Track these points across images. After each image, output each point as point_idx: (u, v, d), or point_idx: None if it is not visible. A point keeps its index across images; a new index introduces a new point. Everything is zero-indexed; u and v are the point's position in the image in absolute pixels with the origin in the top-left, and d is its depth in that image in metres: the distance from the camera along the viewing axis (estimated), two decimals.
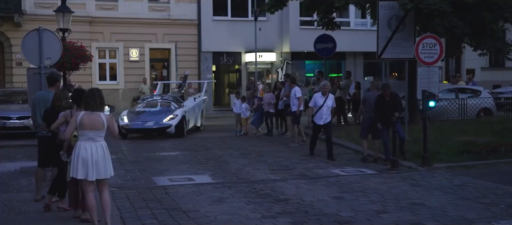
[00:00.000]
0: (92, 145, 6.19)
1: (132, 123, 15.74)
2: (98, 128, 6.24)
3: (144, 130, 15.79)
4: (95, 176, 6.22)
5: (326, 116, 12.00)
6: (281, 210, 7.48)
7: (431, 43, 12.88)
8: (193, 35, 26.26)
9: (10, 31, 22.73)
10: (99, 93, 6.43)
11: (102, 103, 6.34)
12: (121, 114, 16.64)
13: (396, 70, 28.61)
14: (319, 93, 12.18)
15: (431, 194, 8.44)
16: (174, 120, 15.81)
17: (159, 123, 15.70)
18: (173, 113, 16.10)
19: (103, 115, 6.31)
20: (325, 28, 18.67)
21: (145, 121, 15.77)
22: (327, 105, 11.92)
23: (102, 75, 25.22)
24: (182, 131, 15.97)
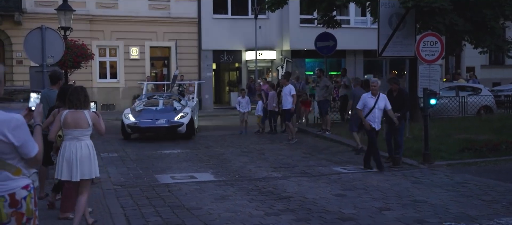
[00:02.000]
0: (76, 144, 5.98)
1: (140, 120, 14.54)
2: (83, 126, 6.03)
3: (155, 129, 14.66)
4: (79, 176, 6.00)
5: (379, 119, 10.42)
6: (284, 207, 7.51)
7: (432, 41, 12.89)
8: (193, 34, 26.27)
9: (10, 29, 22.75)
10: (83, 91, 6.24)
11: (86, 101, 6.15)
12: (124, 112, 15.45)
13: (396, 68, 28.64)
14: (368, 94, 10.50)
15: (432, 191, 8.48)
16: (185, 118, 14.85)
17: (171, 121, 14.59)
18: (183, 111, 15.15)
19: (87, 112, 6.11)
20: (325, 26, 18.70)
21: (155, 119, 14.57)
22: (379, 107, 10.29)
23: (102, 74, 25.25)
24: (192, 130, 15.09)
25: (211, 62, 26.85)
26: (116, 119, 20.90)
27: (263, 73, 27.98)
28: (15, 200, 3.16)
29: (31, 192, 3.25)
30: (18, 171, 3.19)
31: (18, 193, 3.17)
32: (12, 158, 3.15)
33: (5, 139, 3.08)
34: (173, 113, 15.03)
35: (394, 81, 11.26)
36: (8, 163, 3.14)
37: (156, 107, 15.62)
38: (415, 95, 14.91)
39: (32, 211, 3.23)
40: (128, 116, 14.96)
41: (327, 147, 13.64)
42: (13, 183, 3.17)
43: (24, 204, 3.19)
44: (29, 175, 3.29)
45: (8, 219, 3.14)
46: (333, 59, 27.17)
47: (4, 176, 3.15)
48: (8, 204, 3.14)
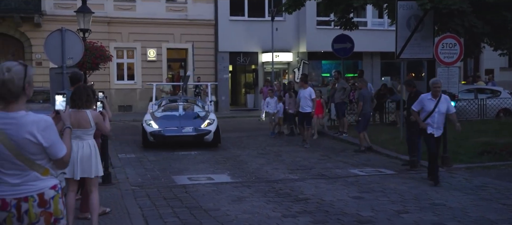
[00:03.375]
0: (78, 143, 6.02)
1: (164, 128, 13.35)
2: (84, 126, 6.05)
3: (181, 138, 13.38)
4: (80, 174, 6.05)
5: (439, 125, 9.33)
6: (301, 209, 7.50)
7: (451, 43, 12.76)
8: (210, 35, 26.37)
9: (30, 31, 23.06)
10: (86, 90, 6.26)
11: (89, 100, 6.13)
12: (145, 118, 14.09)
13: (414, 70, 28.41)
14: (427, 95, 9.45)
15: (451, 194, 8.41)
16: (212, 125, 13.67)
17: (198, 128, 13.44)
18: (209, 118, 14.00)
19: (89, 112, 6.09)
20: (342, 28, 18.64)
21: (181, 127, 13.40)
22: (440, 110, 9.23)
23: (120, 75, 25.46)
24: (218, 138, 13.85)
25: (228, 64, 26.92)
26: (133, 120, 21.10)
27: (280, 75, 27.98)
28: (44, 200, 3.20)
29: (59, 192, 3.29)
30: (46, 171, 3.24)
31: (46, 193, 3.21)
32: (41, 158, 3.20)
33: (34, 140, 3.13)
34: (199, 120, 13.93)
35: (409, 84, 11.21)
36: (37, 163, 3.19)
37: (178, 113, 14.34)
38: None
39: (61, 211, 3.27)
40: (150, 122, 13.71)
41: (344, 149, 13.59)
42: (42, 183, 3.22)
43: (52, 204, 3.22)
44: (56, 175, 3.34)
45: (37, 219, 3.18)
46: (350, 61, 27.05)
47: (33, 176, 3.19)
48: (37, 204, 3.18)
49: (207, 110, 14.82)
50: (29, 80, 3.16)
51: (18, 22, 22.69)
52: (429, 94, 9.40)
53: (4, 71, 3.07)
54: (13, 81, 3.07)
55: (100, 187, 8.63)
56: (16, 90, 3.10)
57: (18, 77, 3.09)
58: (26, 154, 3.14)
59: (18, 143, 3.11)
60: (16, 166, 3.15)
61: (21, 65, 3.15)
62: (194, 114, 14.48)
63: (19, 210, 3.16)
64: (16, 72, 3.10)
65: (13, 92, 3.09)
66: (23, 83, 3.12)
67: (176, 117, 14.04)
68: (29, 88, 3.17)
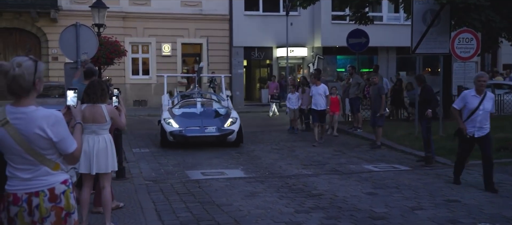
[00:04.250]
0: (94, 138, 6.01)
1: (185, 128, 12.48)
2: (100, 120, 6.03)
3: (204, 138, 12.57)
4: (96, 170, 6.03)
5: (482, 124, 8.32)
6: (314, 205, 7.47)
7: (468, 38, 12.65)
8: (225, 30, 26.37)
9: (46, 26, 23.25)
10: (101, 85, 6.22)
11: (104, 95, 6.10)
12: (163, 116, 13.14)
13: (429, 65, 28.18)
14: (470, 91, 8.50)
15: (466, 191, 8.31)
16: (235, 124, 12.84)
17: (221, 128, 12.60)
18: (231, 116, 13.13)
19: (104, 107, 6.06)
20: (357, 23, 18.51)
21: (204, 126, 12.57)
22: (485, 108, 8.29)
23: (135, 70, 25.58)
24: (241, 137, 13.04)
25: (242, 59, 26.91)
26: (148, 115, 21.20)
27: (294, 70, 27.90)
28: (55, 194, 3.21)
29: (70, 187, 3.30)
30: (57, 166, 3.25)
31: (57, 188, 3.22)
32: (51, 153, 3.21)
33: (44, 134, 3.14)
34: (221, 119, 13.03)
35: (419, 79, 11.13)
36: (48, 158, 3.20)
37: (197, 110, 13.42)
38: (450, 93, 14.64)
39: (72, 205, 3.28)
40: (169, 121, 12.78)
41: (359, 145, 13.52)
42: (53, 177, 3.23)
43: (63, 198, 3.23)
44: (67, 170, 3.35)
45: (48, 214, 3.19)
46: (365, 56, 26.91)
47: (44, 171, 3.20)
48: (48, 199, 3.19)
49: (227, 107, 13.90)
50: (39, 76, 3.17)
51: (35, 17, 22.90)
52: (472, 91, 8.39)
53: (14, 66, 3.08)
54: (23, 77, 3.08)
55: (114, 181, 8.70)
56: (26, 85, 3.10)
57: (28, 73, 3.10)
58: (36, 148, 3.15)
59: (28, 137, 3.12)
60: (26, 161, 3.17)
61: (31, 60, 3.16)
62: (213, 111, 13.57)
63: (30, 205, 3.17)
64: (27, 68, 3.10)
65: (23, 87, 3.10)
66: (34, 78, 3.12)
67: (196, 114, 13.14)
68: (40, 83, 3.18)
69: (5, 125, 3.13)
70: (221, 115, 13.24)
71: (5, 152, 3.20)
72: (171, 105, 14.16)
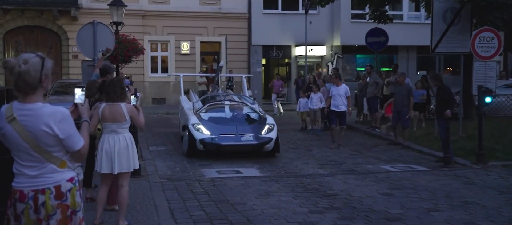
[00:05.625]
0: (115, 137, 5.95)
1: (218, 135, 10.93)
2: (119, 119, 5.97)
3: (239, 147, 11.01)
4: (117, 170, 5.95)
5: None
6: (328, 205, 7.39)
7: (489, 37, 12.40)
8: (244, 29, 26.34)
9: (67, 24, 23.48)
10: (120, 83, 6.13)
11: (123, 93, 6.04)
12: (191, 121, 11.46)
13: (451, 65, 27.80)
14: None
15: (485, 193, 8.14)
16: (273, 131, 11.35)
17: (259, 136, 11.05)
18: (267, 122, 11.66)
19: (124, 105, 5.99)
20: (376, 22, 18.33)
21: (239, 134, 11.03)
22: None
23: (154, 68, 25.70)
24: (278, 147, 11.48)
25: (261, 57, 26.84)
26: (166, 113, 21.28)
27: (313, 69, 27.74)
28: (61, 192, 3.20)
29: (76, 185, 3.28)
30: (63, 164, 3.23)
31: (63, 186, 3.21)
32: (57, 150, 3.20)
33: (51, 131, 3.12)
34: (257, 125, 11.54)
35: (435, 78, 10.96)
36: (54, 156, 3.19)
37: (227, 114, 12.01)
38: (470, 93, 14.41)
39: (78, 203, 3.26)
40: (199, 127, 11.19)
41: (376, 145, 13.37)
42: (59, 175, 3.21)
43: (69, 196, 3.22)
44: (74, 168, 3.33)
45: (54, 211, 3.18)
46: (385, 55, 26.65)
47: (50, 169, 3.19)
48: (54, 196, 3.18)
49: (260, 112, 12.45)
50: (46, 73, 3.15)
51: (56, 15, 23.15)
52: None
53: (20, 63, 3.07)
54: (29, 73, 3.07)
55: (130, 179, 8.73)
56: (32, 82, 3.09)
57: (34, 69, 3.09)
58: (43, 145, 3.14)
59: (35, 134, 3.11)
60: (33, 158, 3.16)
61: (38, 57, 3.14)
62: (248, 116, 12.12)
63: (36, 202, 3.16)
64: (33, 64, 3.09)
65: (29, 84, 3.09)
66: (40, 75, 3.11)
67: (228, 120, 11.70)
68: (47, 80, 3.16)
69: (12, 121, 3.13)
70: (255, 121, 11.82)
71: (12, 149, 3.20)
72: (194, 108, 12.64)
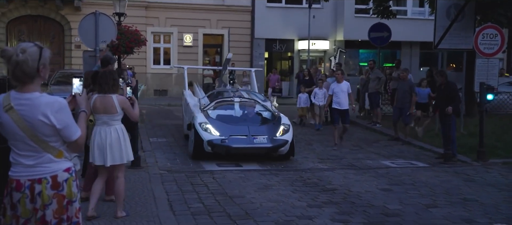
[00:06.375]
0: (106, 129, 5.91)
1: (229, 137, 9.97)
2: (111, 111, 5.92)
3: (252, 150, 10.09)
4: (110, 162, 5.93)
5: None
6: (327, 199, 7.39)
7: (492, 34, 12.35)
8: (247, 22, 26.28)
9: (70, 14, 23.46)
10: (113, 74, 6.09)
11: (115, 85, 5.99)
12: (198, 120, 10.39)
13: (454, 61, 27.68)
14: None
15: (485, 190, 8.14)
16: (289, 133, 10.36)
17: (274, 138, 10.10)
18: (282, 122, 10.64)
19: (115, 97, 5.94)
20: (380, 17, 18.27)
21: (252, 135, 10.05)
22: None
23: (156, 60, 25.69)
24: (293, 150, 10.50)
25: (263, 51, 26.80)
26: (168, 104, 21.28)
27: (316, 63, 27.69)
28: (57, 182, 3.21)
29: (73, 175, 3.29)
30: (60, 154, 3.24)
31: (60, 176, 3.22)
32: (54, 140, 3.20)
33: (48, 121, 3.13)
34: (271, 125, 10.54)
35: (441, 74, 10.90)
36: (51, 146, 3.19)
37: (237, 113, 11.05)
38: (472, 90, 14.36)
39: (74, 194, 3.27)
40: (207, 127, 10.17)
41: (377, 140, 13.36)
42: (55, 165, 3.22)
43: (65, 186, 3.23)
44: (71, 158, 3.34)
45: (50, 201, 3.19)
46: (388, 50, 26.57)
47: (47, 158, 3.20)
48: (50, 186, 3.18)
49: (273, 110, 11.52)
50: (44, 62, 3.15)
51: (59, 5, 23.12)
52: None
53: (18, 52, 3.07)
54: (27, 63, 3.07)
55: (129, 171, 8.76)
56: (30, 71, 3.09)
57: (32, 59, 3.09)
58: (40, 135, 3.14)
59: (32, 124, 3.12)
60: (30, 148, 3.16)
61: (36, 47, 3.14)
62: (260, 115, 11.18)
63: (33, 192, 3.17)
64: (31, 54, 3.09)
65: (27, 73, 3.09)
66: (38, 65, 3.11)
67: (238, 119, 10.76)
68: (44, 70, 3.16)
69: (9, 110, 3.13)
70: (269, 120, 10.87)
71: (9, 138, 3.21)
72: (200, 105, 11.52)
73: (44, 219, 3.19)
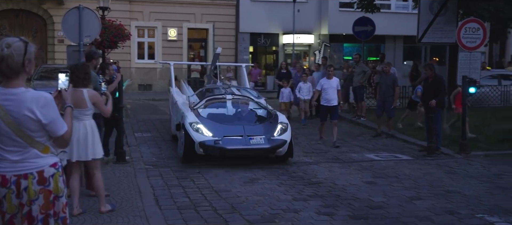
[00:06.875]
0: (75, 124, 5.64)
1: (222, 137, 9.09)
2: (81, 105, 5.82)
3: (249, 152, 9.24)
4: (76, 157, 5.83)
5: None
6: (312, 193, 7.45)
7: (475, 28, 12.47)
8: (231, 16, 26.24)
9: (53, 9, 23.21)
10: (84, 68, 5.98)
11: (86, 79, 5.89)
12: (188, 119, 9.53)
13: (437, 55, 27.94)
14: None
15: (467, 182, 8.27)
16: (287, 132, 9.54)
17: (272, 139, 9.25)
18: (280, 121, 9.84)
19: (86, 91, 5.85)
20: (364, 11, 18.37)
21: (248, 135, 9.23)
22: None
23: (140, 54, 25.55)
24: (291, 150, 9.66)
25: (248, 45, 26.79)
26: (152, 99, 21.20)
27: (300, 57, 27.76)
28: (43, 177, 3.20)
29: (59, 170, 3.29)
30: (46, 149, 3.23)
31: (46, 171, 3.21)
32: (40, 136, 3.19)
33: (33, 116, 3.12)
34: (268, 124, 9.78)
35: (429, 68, 10.99)
36: (37, 141, 3.19)
37: (230, 111, 10.32)
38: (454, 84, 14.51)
39: (61, 189, 3.27)
40: (198, 127, 9.30)
41: (361, 133, 13.47)
42: (42, 160, 3.22)
43: (51, 181, 3.23)
44: (57, 154, 3.33)
45: (36, 196, 3.19)
46: (372, 44, 26.72)
47: (33, 154, 3.19)
48: (37, 181, 3.18)
49: (268, 108, 10.80)
50: (29, 57, 3.14)
51: None
52: None
53: (3, 47, 3.06)
54: (12, 57, 3.06)
55: (114, 165, 8.76)
56: (15, 66, 3.08)
57: (17, 54, 3.08)
58: (25, 130, 3.14)
59: (18, 119, 3.11)
60: (16, 143, 3.16)
61: (21, 41, 3.13)
62: (256, 114, 10.48)
63: (19, 187, 3.17)
64: (16, 49, 3.08)
65: (12, 68, 3.08)
66: (23, 60, 3.10)
67: (232, 118, 10.04)
68: (30, 65, 3.15)
69: None
70: (265, 119, 10.14)
71: None
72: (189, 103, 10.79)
73: (31, 214, 3.19)
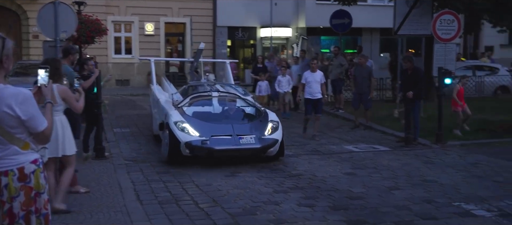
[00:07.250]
0: None
1: (210, 137, 8.59)
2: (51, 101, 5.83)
3: (238, 152, 8.76)
4: (47, 154, 5.65)
5: None
6: (293, 185, 7.52)
7: (449, 20, 12.66)
8: (209, 10, 26.17)
9: (26, 3, 22.85)
10: (55, 63, 5.85)
11: (57, 74, 5.76)
12: (173, 118, 8.99)
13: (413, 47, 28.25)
14: None
15: (444, 171, 8.42)
16: (278, 131, 9.15)
17: (262, 138, 8.82)
18: (270, 119, 9.39)
19: (55, 87, 5.73)
20: (341, 4, 18.48)
21: (237, 135, 8.75)
22: None
23: (117, 49, 25.35)
24: (282, 149, 9.28)
25: (226, 38, 26.77)
26: (130, 94, 21.05)
27: (278, 50, 27.83)
28: (24, 174, 3.18)
29: (40, 167, 3.27)
30: (26, 146, 3.21)
31: (26, 167, 3.19)
32: (20, 132, 3.17)
33: (13, 113, 3.10)
34: (257, 123, 9.31)
35: (408, 60, 11.12)
36: (17, 137, 3.16)
37: (217, 109, 9.85)
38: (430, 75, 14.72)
39: (42, 185, 3.25)
40: (183, 126, 8.80)
41: (340, 126, 13.60)
42: (22, 157, 3.19)
43: (32, 178, 3.21)
44: (37, 150, 3.31)
45: (17, 193, 3.17)
46: (349, 37, 26.92)
47: (13, 150, 3.17)
48: (17, 178, 3.16)
49: (257, 106, 10.25)
50: (7, 53, 3.11)
51: None
52: None
53: None
54: None
55: (93, 162, 8.71)
56: None
57: None
58: (5, 127, 3.11)
59: None
60: None
61: None
62: (244, 111, 9.95)
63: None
64: None
65: None
66: (1, 56, 3.07)
67: (219, 116, 9.59)
68: (8, 61, 3.12)
69: None
70: (254, 117, 9.64)
71: None
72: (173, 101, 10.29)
73: (12, 211, 3.17)
